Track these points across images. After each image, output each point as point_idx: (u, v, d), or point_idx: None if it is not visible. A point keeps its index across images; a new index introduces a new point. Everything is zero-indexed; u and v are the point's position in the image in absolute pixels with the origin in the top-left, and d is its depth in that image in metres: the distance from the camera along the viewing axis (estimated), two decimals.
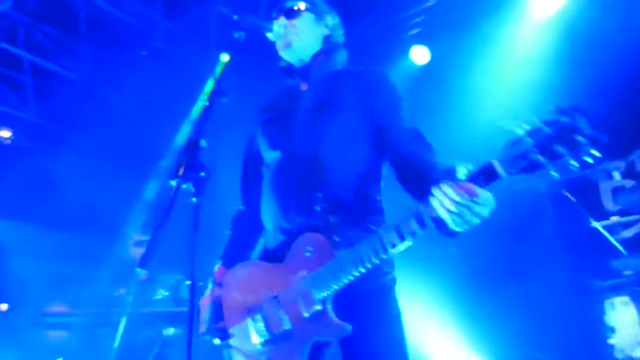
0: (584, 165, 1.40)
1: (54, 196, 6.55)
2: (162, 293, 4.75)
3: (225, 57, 1.76)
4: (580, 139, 1.35)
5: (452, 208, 1.54)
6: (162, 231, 1.40)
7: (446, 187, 1.56)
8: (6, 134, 7.05)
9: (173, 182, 1.47)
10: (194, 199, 1.49)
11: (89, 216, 6.64)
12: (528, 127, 1.45)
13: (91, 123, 6.49)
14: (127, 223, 5.31)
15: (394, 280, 2.05)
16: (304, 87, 2.24)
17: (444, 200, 1.56)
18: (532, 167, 1.45)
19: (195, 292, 1.41)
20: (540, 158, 1.42)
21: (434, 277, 4.74)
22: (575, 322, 4.57)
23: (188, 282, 1.43)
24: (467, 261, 4.80)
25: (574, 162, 1.39)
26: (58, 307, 4.54)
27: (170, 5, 5.43)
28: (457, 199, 1.53)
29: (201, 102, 1.64)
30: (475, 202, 1.54)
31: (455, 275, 4.90)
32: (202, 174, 1.50)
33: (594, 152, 1.37)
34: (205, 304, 2.16)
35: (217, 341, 2.04)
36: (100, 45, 5.85)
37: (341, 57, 2.28)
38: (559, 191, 4.67)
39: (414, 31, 5.45)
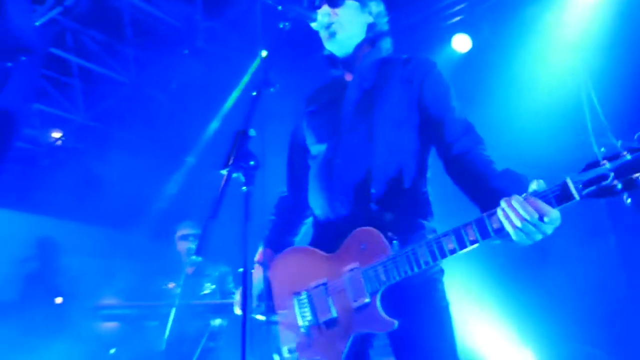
0: None
1: (104, 195, 6.79)
2: (209, 287, 4.84)
3: (264, 53, 1.77)
4: None
5: (519, 224, 1.52)
6: (215, 221, 1.41)
7: (516, 203, 1.53)
8: (57, 135, 7.35)
9: (224, 172, 1.48)
10: (244, 188, 1.50)
11: (137, 213, 6.86)
12: (608, 151, 1.42)
13: (138, 123, 6.70)
14: (173, 218, 5.44)
15: (441, 271, 2.01)
16: (348, 77, 2.21)
17: (511, 215, 1.53)
18: (606, 192, 1.42)
19: (247, 280, 1.42)
20: (616, 183, 1.38)
21: (482, 269, 4.65)
22: (628, 315, 4.40)
23: (240, 270, 1.44)
24: (516, 252, 4.68)
25: None
26: (110, 300, 4.70)
27: (210, 4, 5.52)
28: (526, 216, 1.50)
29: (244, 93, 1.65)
30: (543, 222, 1.51)
31: (505, 267, 4.78)
32: (252, 163, 1.51)
33: None
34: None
35: (261, 317, 2.08)
36: (144, 47, 6.01)
37: (386, 45, 2.23)
38: None
39: (456, 19, 5.34)
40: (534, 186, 1.55)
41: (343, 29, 2.13)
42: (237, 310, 2.18)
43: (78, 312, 5.87)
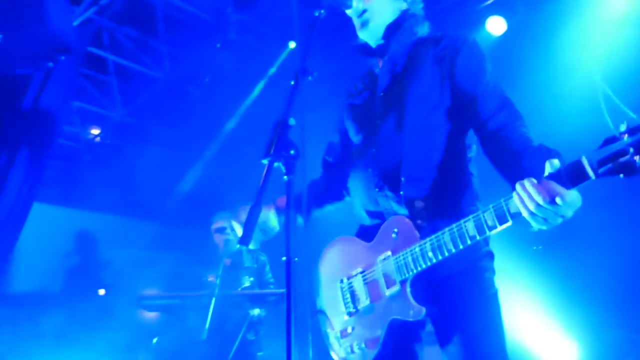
0: None
1: (142, 188, 6.95)
2: (247, 279, 4.90)
3: (292, 44, 1.76)
4: None
5: (532, 208, 1.46)
6: (258, 209, 1.42)
7: (529, 186, 1.46)
8: (96, 131, 7.55)
9: (265, 162, 1.49)
10: (285, 177, 1.50)
11: (176, 206, 7.00)
12: (627, 126, 1.32)
13: (173, 117, 6.81)
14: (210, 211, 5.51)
15: (490, 256, 1.94)
16: (380, 64, 2.16)
17: (525, 199, 1.47)
18: (625, 168, 1.32)
19: (291, 269, 1.43)
20: (637, 159, 1.29)
21: (524, 258, 4.57)
22: None
23: (284, 259, 1.44)
24: (557, 239, 4.56)
25: None
26: (151, 291, 4.82)
27: None
28: (539, 200, 1.44)
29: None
30: (557, 204, 1.43)
31: (546, 255, 4.68)
32: (292, 152, 1.51)
33: None
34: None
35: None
36: (177, 42, 6.10)
37: (422, 30, 2.13)
38: None
39: (490, 1, 5.21)
40: (548, 168, 1.47)
41: (375, 17, 2.07)
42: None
43: (120, 303, 6.05)
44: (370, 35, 2.12)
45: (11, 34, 4.36)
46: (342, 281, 2.06)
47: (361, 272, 1.98)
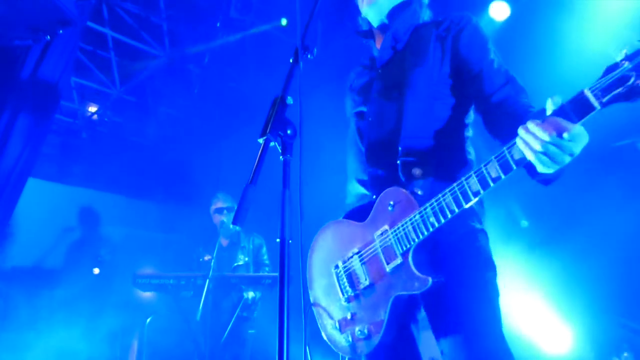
0: None
1: (140, 167, 6.92)
2: (242, 259, 4.90)
3: (284, 22, 1.72)
4: None
5: (539, 148, 1.40)
6: (253, 189, 1.39)
7: (532, 126, 1.41)
8: (93, 109, 7.48)
9: (260, 140, 1.45)
10: (281, 157, 1.47)
11: (175, 185, 6.98)
12: (627, 51, 1.28)
13: (174, 96, 6.74)
14: (210, 191, 5.50)
15: (483, 234, 1.89)
16: (379, 43, 2.15)
17: (530, 141, 1.42)
18: (630, 93, 1.28)
19: (286, 250, 1.40)
20: (638, 84, 1.25)
21: (520, 242, 4.57)
22: None
23: (278, 240, 1.42)
24: (556, 224, 4.57)
25: None
26: (147, 270, 4.81)
27: None
28: (544, 137, 1.38)
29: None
30: (565, 139, 1.38)
31: (543, 238, 4.69)
32: (289, 131, 1.47)
33: None
34: None
35: None
36: (177, 19, 6.01)
37: (424, 15, 2.13)
38: None
39: None
40: (550, 105, 1.43)
41: None
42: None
43: (116, 282, 6.06)
44: (377, 11, 2.09)
45: (10, 4, 4.28)
46: (337, 266, 1.99)
47: (357, 253, 1.92)
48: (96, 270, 6.81)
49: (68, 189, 7.22)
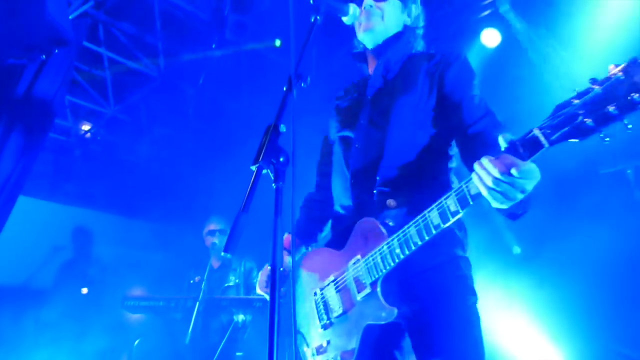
0: None
1: (133, 186, 6.89)
2: (233, 280, 4.87)
3: (278, 42, 1.75)
4: (636, 96, 1.19)
5: (490, 183, 1.44)
6: (245, 216, 1.40)
7: (486, 161, 1.45)
8: (87, 127, 7.48)
9: (253, 168, 1.46)
10: (274, 185, 1.48)
11: (166, 205, 6.94)
12: (578, 89, 1.30)
13: (168, 115, 6.76)
14: (202, 212, 5.48)
15: (465, 261, 1.91)
16: (372, 67, 2.20)
17: (482, 175, 1.46)
18: (579, 132, 1.30)
19: (277, 278, 1.40)
20: (587, 121, 1.27)
21: (509, 263, 4.58)
22: None
23: (269, 267, 1.42)
24: (547, 251, 4.58)
25: (628, 124, 1.23)
26: (137, 292, 4.77)
27: None
28: (495, 173, 1.41)
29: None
30: (515, 176, 1.40)
31: (534, 264, 4.69)
32: (282, 159, 1.48)
33: None
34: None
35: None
36: (173, 40, 6.06)
37: (417, 45, 2.21)
38: None
39: (485, 13, 5.23)
40: (501, 142, 1.47)
41: (383, 23, 2.12)
42: (259, 290, 2.18)
43: (105, 302, 5.98)
44: (373, 37, 2.14)
45: (6, 23, 4.30)
46: (315, 293, 2.02)
47: (333, 281, 1.95)
48: (84, 290, 6.73)
49: (59, 207, 7.16)
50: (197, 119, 6.78)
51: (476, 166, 1.48)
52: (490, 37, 5.20)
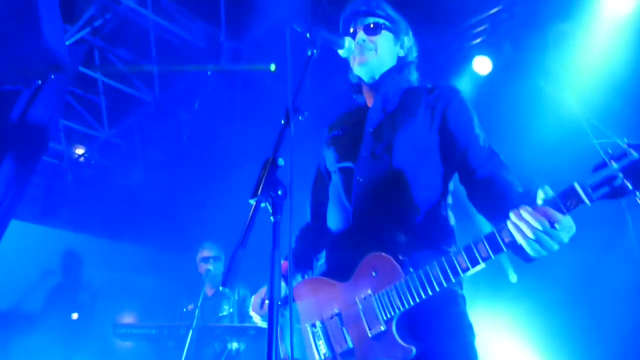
0: None
1: (125, 211, 6.86)
2: (227, 309, 4.82)
3: (273, 67, 1.78)
4: None
5: (530, 235, 1.49)
6: (243, 251, 1.40)
7: (525, 213, 1.50)
8: (80, 151, 7.47)
9: (252, 201, 1.47)
10: (272, 218, 1.49)
11: (160, 230, 6.90)
12: (615, 151, 1.40)
13: (162, 140, 6.77)
14: (196, 238, 5.45)
15: (463, 299, 1.95)
16: (370, 101, 2.23)
17: (522, 226, 1.50)
18: (617, 193, 1.40)
19: (274, 311, 1.40)
20: (627, 184, 1.37)
21: (507, 297, 4.57)
22: None
23: (267, 302, 1.42)
24: (542, 278, 4.58)
25: None
26: (128, 319, 4.70)
27: (233, 26, 5.61)
28: (537, 225, 1.47)
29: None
30: (555, 229, 1.47)
31: (530, 295, 4.69)
32: (280, 192, 1.50)
33: None
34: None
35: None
36: (169, 66, 6.11)
37: (412, 77, 2.25)
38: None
39: (477, 41, 5.34)
40: (541, 194, 1.53)
41: (376, 57, 2.16)
42: (252, 313, 2.16)
43: (95, 329, 5.90)
44: (367, 70, 2.18)
45: (3, 50, 4.32)
46: (314, 325, 1.97)
47: (338, 314, 1.90)
48: (75, 316, 6.64)
49: (50, 231, 7.10)
50: (192, 144, 6.79)
51: (513, 216, 1.52)
52: (482, 65, 5.29)
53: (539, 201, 1.53)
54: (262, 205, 1.47)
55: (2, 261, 5.12)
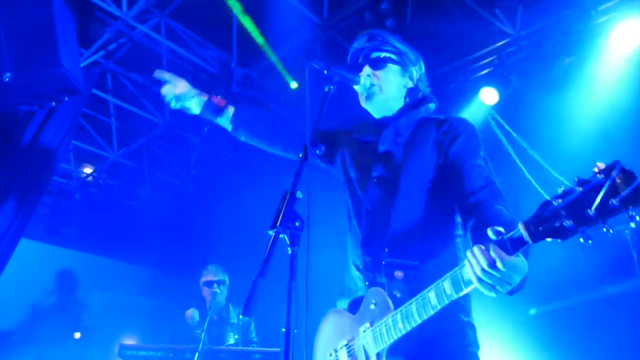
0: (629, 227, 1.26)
1: (132, 232, 6.89)
2: (233, 337, 4.81)
3: (294, 85, 1.84)
4: (613, 201, 1.18)
5: (479, 274, 1.48)
6: (262, 281, 1.44)
7: (476, 250, 1.50)
8: (88, 170, 7.55)
9: (271, 232, 1.52)
10: (289, 249, 1.53)
11: (164, 253, 6.92)
12: (562, 189, 1.31)
13: (171, 162, 6.84)
14: (200, 260, 5.47)
15: (471, 327, 1.96)
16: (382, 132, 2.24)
17: (473, 265, 1.50)
18: (558, 233, 1.30)
19: (290, 341, 1.43)
20: (566, 223, 1.27)
21: (517, 329, 4.56)
22: None
23: (283, 330, 1.45)
24: (549, 313, 4.58)
25: (606, 229, 1.23)
26: (132, 341, 4.69)
27: (245, 52, 5.72)
28: (483, 264, 1.46)
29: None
30: (500, 269, 1.44)
31: (538, 327, 4.68)
32: (297, 224, 1.54)
33: (635, 214, 1.18)
34: None
35: None
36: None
37: (426, 108, 2.23)
38: None
39: (484, 72, 5.44)
40: (491, 235, 1.49)
41: (382, 91, 2.16)
42: None
43: (97, 350, 5.87)
44: (375, 108, 2.21)
45: (21, 72, 4.42)
46: (330, 354, 2.06)
47: (346, 345, 1.99)
48: (77, 335, 6.62)
49: (55, 250, 7.13)
50: (200, 166, 6.86)
51: (468, 254, 1.53)
52: (489, 95, 5.37)
53: (492, 238, 1.50)
54: (281, 236, 1.52)
55: (5, 279, 5.14)
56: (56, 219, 7.39)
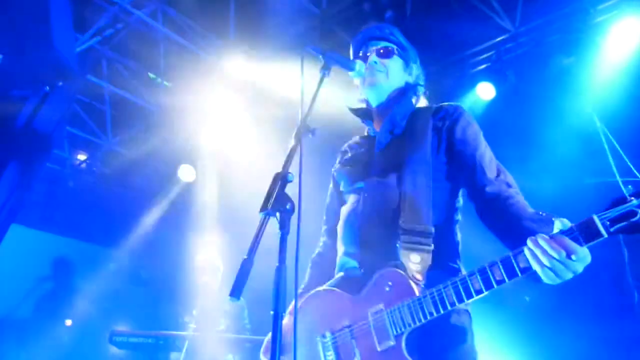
0: None
1: (125, 220, 6.87)
2: (223, 323, 4.82)
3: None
4: None
5: (547, 263, 1.52)
6: (250, 262, 1.43)
7: (543, 241, 1.53)
8: (82, 157, 7.51)
9: (261, 215, 1.51)
10: (279, 232, 1.52)
11: (158, 240, 6.91)
12: (634, 188, 1.44)
13: (164, 151, 6.81)
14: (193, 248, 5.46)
15: (469, 317, 1.98)
16: (378, 125, 2.27)
17: (538, 254, 1.54)
18: (633, 227, 1.43)
19: (279, 324, 1.43)
20: None
21: (507, 324, 4.58)
22: None
23: (272, 312, 1.45)
24: (540, 308, 4.60)
25: None
26: (123, 327, 4.69)
27: (242, 38, 5.69)
28: (554, 254, 1.51)
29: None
30: (572, 259, 1.51)
31: (528, 323, 4.70)
32: (288, 206, 1.54)
33: None
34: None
35: None
36: (175, 78, 6.19)
37: (418, 100, 2.29)
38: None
39: (481, 67, 5.44)
40: (558, 225, 1.56)
41: (387, 80, 2.21)
42: (262, 357, 2.16)
43: (91, 334, 5.87)
44: (376, 93, 2.23)
45: (14, 56, 4.38)
46: (324, 336, 1.98)
47: (348, 326, 1.93)
48: (68, 322, 6.61)
49: (48, 237, 7.11)
50: (195, 153, 6.83)
51: (531, 243, 1.56)
52: (485, 91, 5.38)
53: (557, 230, 1.57)
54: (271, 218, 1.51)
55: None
56: (50, 205, 7.36)
